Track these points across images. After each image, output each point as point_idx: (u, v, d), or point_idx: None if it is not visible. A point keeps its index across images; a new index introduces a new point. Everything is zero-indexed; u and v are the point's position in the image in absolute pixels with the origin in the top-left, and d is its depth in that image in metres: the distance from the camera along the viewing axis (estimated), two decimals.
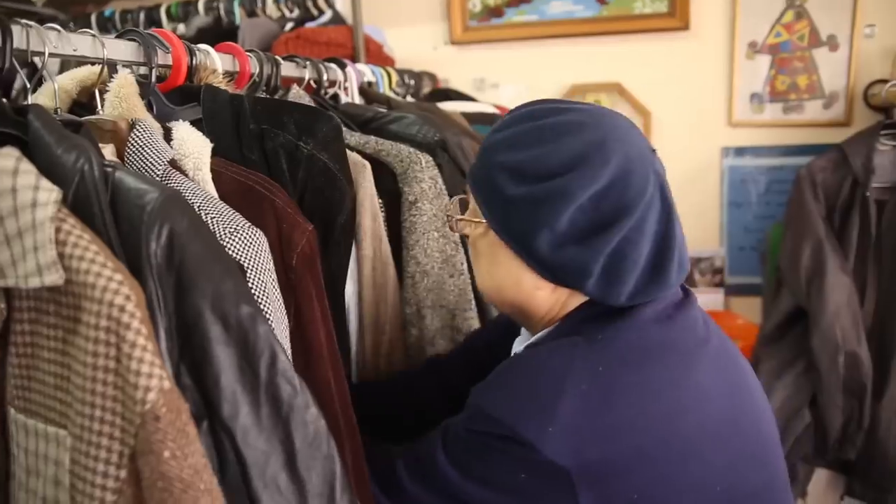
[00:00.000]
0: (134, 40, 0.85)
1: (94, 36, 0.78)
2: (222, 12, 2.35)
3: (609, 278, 0.80)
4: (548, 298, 0.86)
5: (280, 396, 0.60)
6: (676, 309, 0.86)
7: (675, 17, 2.34)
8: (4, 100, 0.68)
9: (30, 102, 0.71)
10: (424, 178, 1.17)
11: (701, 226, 2.47)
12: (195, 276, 0.57)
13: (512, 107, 2.32)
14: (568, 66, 2.51)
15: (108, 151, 0.71)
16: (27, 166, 0.56)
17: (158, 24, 2.43)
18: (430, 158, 1.21)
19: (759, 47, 2.31)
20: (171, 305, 0.57)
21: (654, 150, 0.85)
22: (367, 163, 1.13)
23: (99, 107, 0.81)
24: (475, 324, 1.24)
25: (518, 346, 0.97)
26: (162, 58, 0.88)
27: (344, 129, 1.31)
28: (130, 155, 0.72)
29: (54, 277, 0.54)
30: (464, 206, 0.95)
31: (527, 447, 0.75)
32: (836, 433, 1.88)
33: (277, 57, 1.23)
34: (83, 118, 0.75)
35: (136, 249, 0.57)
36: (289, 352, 0.72)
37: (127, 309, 0.53)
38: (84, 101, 0.85)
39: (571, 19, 2.46)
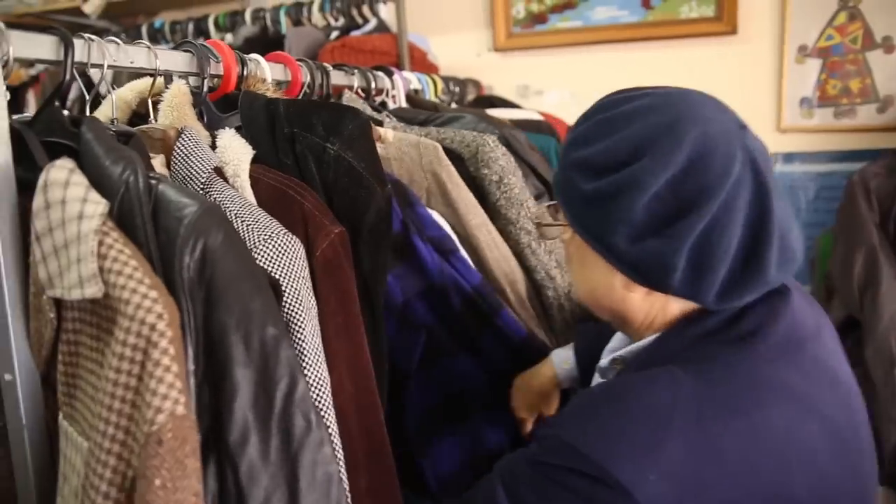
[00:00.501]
0: (188, 51, 0.87)
1: (148, 48, 0.80)
2: (269, 22, 2.39)
3: (696, 272, 0.73)
4: (642, 303, 0.80)
5: (292, 430, 0.57)
6: (791, 341, 0.76)
7: (723, 21, 2.30)
8: (65, 112, 0.71)
9: (88, 114, 0.74)
10: (499, 157, 1.21)
11: None
12: (224, 292, 0.56)
13: (556, 114, 2.32)
14: (613, 73, 2.49)
15: (159, 162, 0.73)
16: (78, 178, 0.58)
17: (206, 35, 2.48)
18: (495, 137, 1.22)
19: (809, 51, 2.26)
20: (200, 321, 0.57)
21: (743, 127, 0.77)
22: (437, 143, 1.14)
23: (152, 116, 0.83)
24: None
25: (606, 357, 0.90)
26: (214, 68, 0.90)
27: (403, 124, 1.33)
28: (176, 163, 0.73)
29: (94, 290, 0.55)
30: (554, 213, 0.90)
31: (617, 492, 0.66)
32: (891, 449, 1.82)
33: (327, 65, 1.25)
34: (135, 128, 0.77)
35: (170, 263, 0.57)
36: (323, 365, 0.70)
37: (158, 328, 0.53)
38: (143, 112, 0.88)
39: (616, 25, 2.44)
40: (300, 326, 0.68)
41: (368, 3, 2.27)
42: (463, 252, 1.12)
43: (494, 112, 1.98)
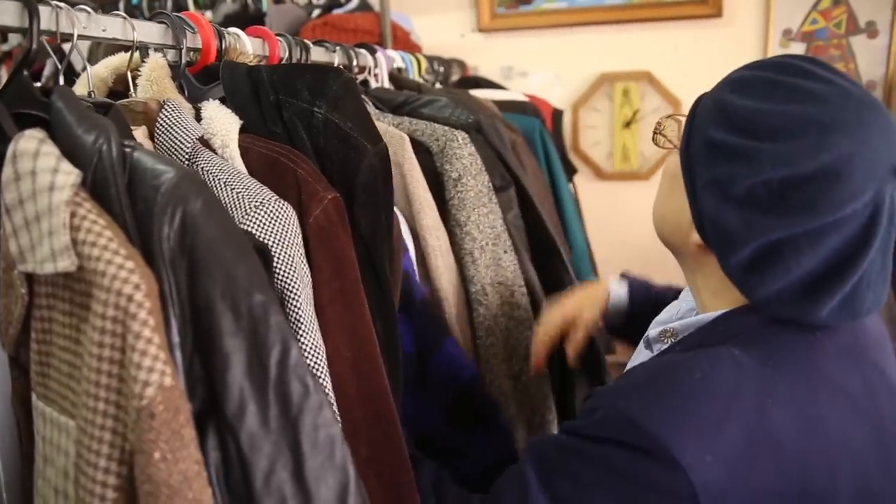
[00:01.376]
0: (163, 23, 0.85)
1: (124, 18, 0.77)
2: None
3: (752, 268, 0.71)
4: (698, 253, 0.78)
5: (290, 396, 0.55)
6: (856, 344, 0.75)
7: (708, 3, 2.29)
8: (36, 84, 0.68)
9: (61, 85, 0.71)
10: (464, 155, 1.17)
11: None
12: (207, 260, 0.54)
13: (540, 95, 2.30)
14: (597, 54, 2.47)
15: (140, 133, 0.70)
16: (49, 148, 0.55)
17: (186, 10, 2.43)
18: (466, 135, 1.20)
19: (793, 35, 2.26)
20: (184, 292, 0.54)
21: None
22: (404, 135, 1.12)
23: (132, 90, 0.80)
24: (527, 300, 1.23)
25: (655, 328, 0.88)
26: (191, 41, 0.87)
27: (376, 111, 1.30)
28: (160, 135, 0.71)
29: (66, 263, 0.52)
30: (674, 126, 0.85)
31: (670, 470, 0.65)
32: None
33: (307, 41, 1.22)
34: (116, 102, 0.75)
35: (149, 233, 0.54)
36: (317, 333, 0.68)
37: (135, 298, 0.51)
38: (120, 90, 0.85)
39: (601, 6, 2.42)
40: (295, 293, 0.66)
41: None
42: (412, 253, 1.08)
43: (479, 93, 1.96)
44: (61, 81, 0.76)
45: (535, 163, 1.76)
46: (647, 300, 1.10)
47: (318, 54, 1.28)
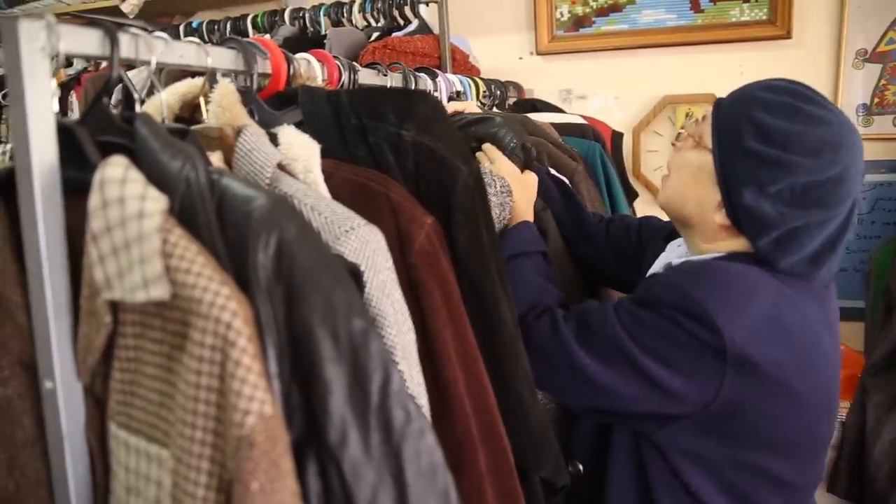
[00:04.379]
0: (233, 48, 0.84)
1: (198, 44, 0.76)
2: (307, 22, 2.36)
3: (779, 246, 0.96)
4: (720, 227, 1.02)
5: (392, 422, 0.55)
6: (827, 291, 1.05)
7: (777, 24, 2.23)
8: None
9: (138, 111, 0.70)
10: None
11: None
12: (304, 286, 0.53)
13: (599, 119, 2.26)
14: (660, 78, 2.42)
15: (216, 158, 0.69)
16: (135, 175, 0.54)
17: (245, 34, 2.46)
18: (496, 178, 1.17)
19: (868, 55, 2.18)
20: (281, 319, 0.53)
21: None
22: None
23: (204, 116, 0.79)
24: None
25: (671, 253, 1.17)
26: (261, 66, 0.86)
27: None
28: (238, 160, 0.70)
29: (160, 291, 0.52)
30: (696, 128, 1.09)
31: (712, 330, 0.90)
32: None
33: (355, 64, 1.21)
34: (190, 127, 0.74)
35: (242, 259, 0.53)
36: (415, 357, 0.67)
37: (234, 326, 0.50)
38: (186, 116, 0.84)
39: (664, 28, 2.37)
40: (388, 320, 0.65)
41: (410, 4, 2.23)
42: None
43: (536, 117, 1.93)
44: (136, 106, 0.76)
45: (595, 190, 1.72)
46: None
47: (368, 77, 1.27)
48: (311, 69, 0.94)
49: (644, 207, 2.42)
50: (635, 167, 2.50)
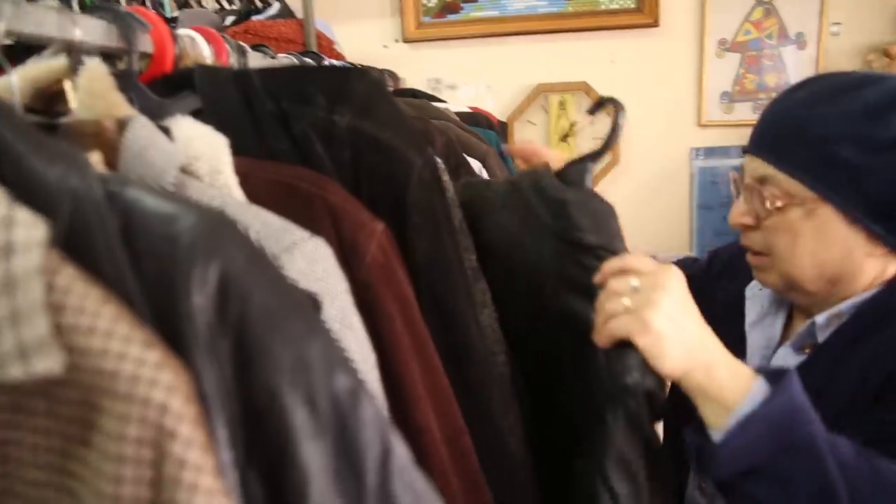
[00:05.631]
0: (104, 18, 0.65)
1: (59, 10, 0.57)
2: (148, 3, 2.10)
3: None
4: (876, 265, 0.85)
5: None
6: None
7: (644, 12, 2.25)
8: None
9: None
10: None
11: (670, 229, 2.39)
12: (263, 338, 0.38)
13: (470, 109, 2.17)
14: (531, 66, 2.38)
15: (95, 160, 0.51)
16: None
17: None
18: None
19: (728, 45, 2.25)
20: (231, 384, 0.38)
21: None
22: None
23: (71, 105, 0.60)
24: None
25: (822, 315, 0.90)
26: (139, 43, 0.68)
27: None
28: (128, 162, 0.52)
29: (49, 363, 0.34)
30: (756, 197, 0.88)
31: None
32: None
33: (244, 45, 1.04)
34: (58, 121, 0.55)
35: (169, 304, 0.37)
36: (381, 401, 0.53)
37: (171, 408, 0.34)
38: (38, 108, 0.64)
39: (534, 15, 2.33)
40: (352, 356, 0.51)
41: None
42: None
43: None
44: None
45: (507, 174, 1.64)
46: None
47: (256, 61, 1.10)
48: (198, 48, 0.76)
49: None
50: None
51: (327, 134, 0.62)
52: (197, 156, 0.57)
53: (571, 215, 0.73)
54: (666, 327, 0.65)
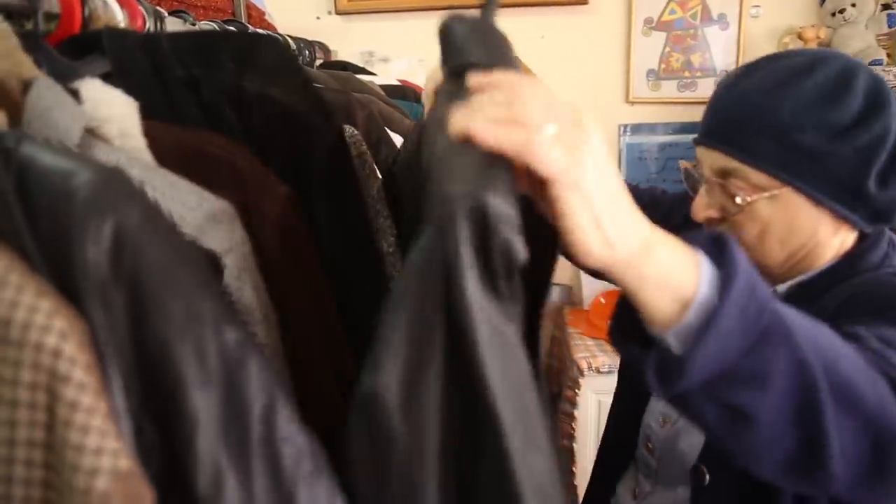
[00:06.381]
0: None
1: None
2: None
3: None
4: (837, 243, 0.88)
5: (281, 463, 0.42)
6: None
7: None
8: None
9: None
10: None
11: None
12: (157, 291, 0.39)
13: (399, 82, 2.17)
14: None
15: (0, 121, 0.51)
16: None
17: None
18: None
19: (654, 24, 2.31)
20: (125, 334, 0.39)
21: None
22: None
23: None
24: None
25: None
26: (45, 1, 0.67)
27: None
28: (32, 122, 0.52)
29: None
30: (719, 190, 0.88)
31: None
32: None
33: (161, 10, 1.02)
34: None
35: (65, 258, 0.38)
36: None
37: (64, 353, 0.36)
38: None
39: None
40: (252, 317, 0.53)
41: None
42: None
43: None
44: None
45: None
46: None
47: (175, 26, 1.08)
48: (110, 11, 0.76)
49: None
50: None
51: (236, 100, 0.63)
52: (106, 118, 0.58)
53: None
54: (598, 177, 0.46)
